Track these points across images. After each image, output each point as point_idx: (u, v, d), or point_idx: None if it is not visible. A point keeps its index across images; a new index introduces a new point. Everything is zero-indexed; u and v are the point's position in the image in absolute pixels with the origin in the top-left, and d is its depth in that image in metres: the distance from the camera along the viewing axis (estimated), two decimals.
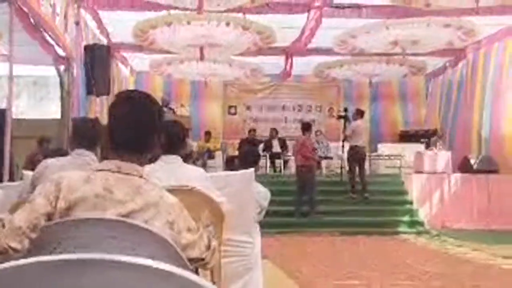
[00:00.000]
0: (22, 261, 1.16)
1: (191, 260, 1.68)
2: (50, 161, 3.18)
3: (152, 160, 3.32)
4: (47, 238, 1.54)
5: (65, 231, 1.55)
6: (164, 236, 1.59)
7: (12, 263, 1.15)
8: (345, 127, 11.23)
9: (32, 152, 8.38)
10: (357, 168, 10.69)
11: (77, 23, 9.79)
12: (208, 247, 1.75)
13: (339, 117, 12.08)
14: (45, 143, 8.54)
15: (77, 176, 1.66)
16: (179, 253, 1.61)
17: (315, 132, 13.59)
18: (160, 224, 1.63)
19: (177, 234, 1.66)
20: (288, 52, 13.72)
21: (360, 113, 11.10)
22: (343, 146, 11.28)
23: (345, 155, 11.20)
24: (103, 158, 1.82)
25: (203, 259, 1.73)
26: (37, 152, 7.78)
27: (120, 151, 1.74)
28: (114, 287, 1.10)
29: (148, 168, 3.04)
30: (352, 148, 10.70)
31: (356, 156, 10.63)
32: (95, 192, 1.61)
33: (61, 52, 9.31)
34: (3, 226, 1.48)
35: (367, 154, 11.75)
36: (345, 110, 11.74)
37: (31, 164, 3.40)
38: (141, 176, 1.71)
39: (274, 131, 14.01)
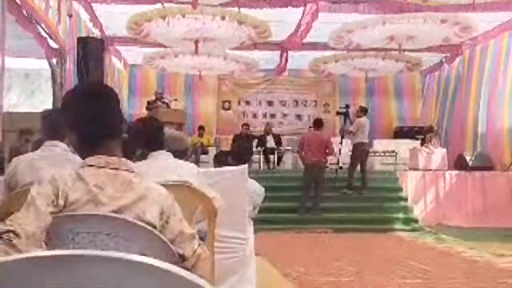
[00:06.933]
0: (11, 258, 1.15)
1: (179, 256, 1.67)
2: (22, 157, 3.08)
3: (143, 156, 3.23)
4: None
5: (57, 227, 1.56)
6: (155, 231, 1.61)
7: (1, 259, 1.13)
8: (345, 123, 11.12)
9: (15, 144, 8.12)
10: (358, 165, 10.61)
11: (70, 16, 9.70)
12: (194, 251, 1.71)
13: (339, 113, 11.96)
14: (27, 135, 8.18)
15: (68, 174, 1.65)
16: (170, 248, 1.63)
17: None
18: (152, 216, 1.64)
19: (167, 224, 1.67)
20: (283, 47, 13.67)
21: (363, 110, 10.97)
22: (341, 143, 11.17)
23: (343, 151, 11.09)
24: (81, 153, 1.78)
25: (187, 259, 1.69)
26: (21, 144, 7.55)
27: (100, 142, 1.72)
28: (105, 283, 1.09)
29: (138, 164, 2.96)
30: (358, 145, 10.60)
31: (361, 153, 10.58)
32: (87, 189, 1.61)
33: (54, 45, 9.22)
34: (18, 235, 1.47)
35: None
36: (347, 106, 11.40)
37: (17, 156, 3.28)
38: (131, 171, 1.70)
39: (268, 127, 13.91)
